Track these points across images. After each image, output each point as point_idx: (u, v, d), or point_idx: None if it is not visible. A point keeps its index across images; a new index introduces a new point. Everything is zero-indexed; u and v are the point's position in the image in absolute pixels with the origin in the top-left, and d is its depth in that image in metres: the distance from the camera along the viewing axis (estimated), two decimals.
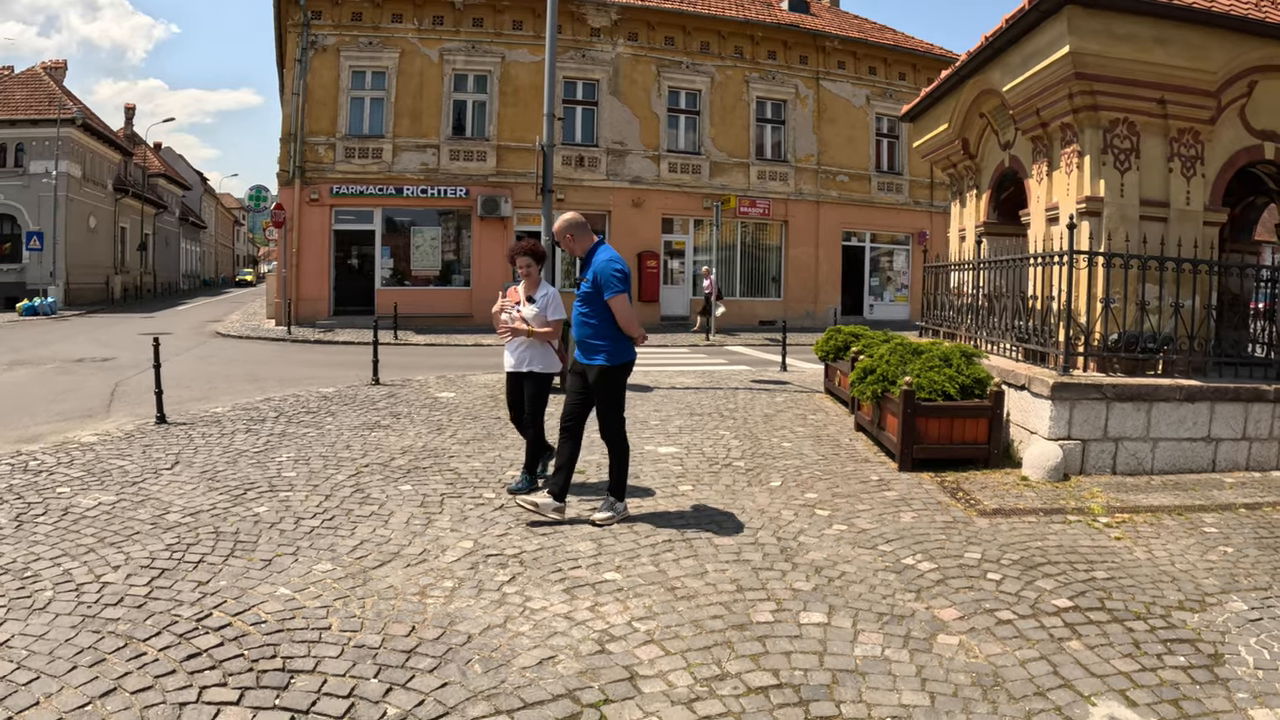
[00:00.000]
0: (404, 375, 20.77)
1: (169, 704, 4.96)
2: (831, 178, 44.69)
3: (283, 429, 13.80)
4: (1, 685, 5.21)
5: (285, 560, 7.41)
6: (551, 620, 6.09)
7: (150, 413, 15.56)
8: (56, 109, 57.85)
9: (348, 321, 37.97)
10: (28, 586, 6.82)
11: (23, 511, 8.96)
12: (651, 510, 9.10)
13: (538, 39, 39.99)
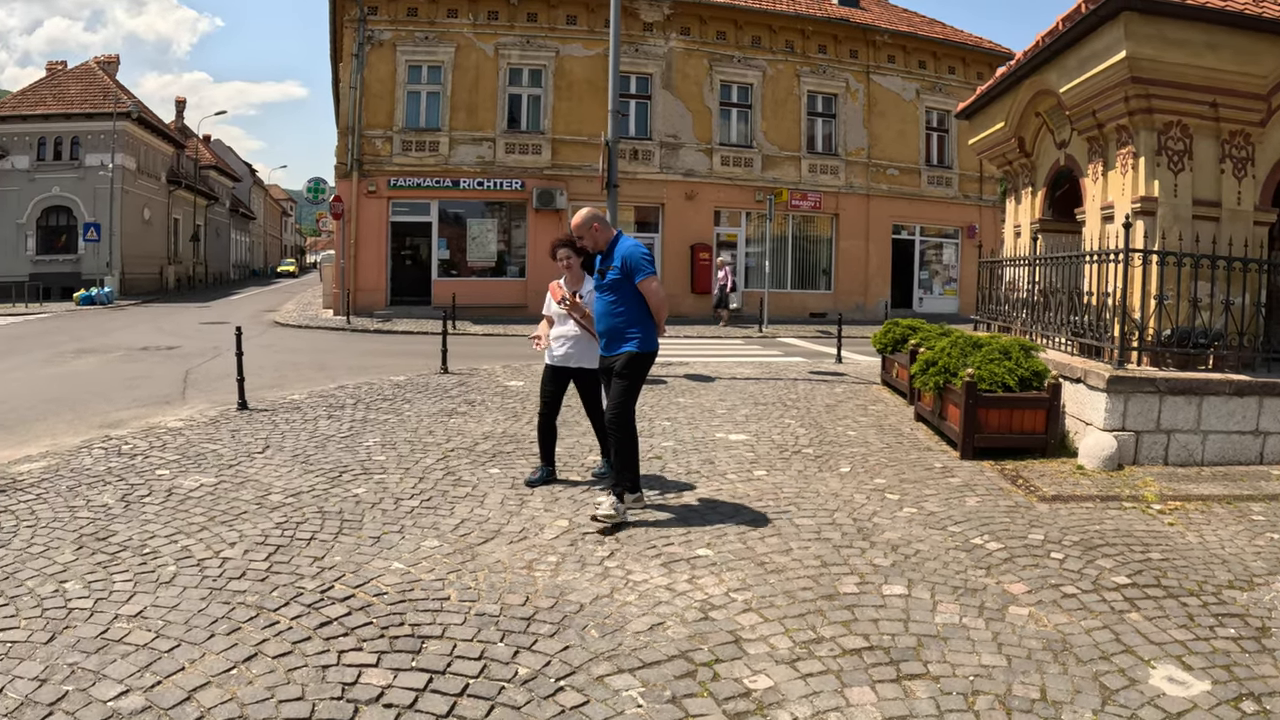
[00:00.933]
0: (469, 364, 21.18)
1: (310, 667, 5.36)
2: (882, 171, 44.88)
3: (363, 415, 14.30)
4: (145, 652, 5.56)
5: (393, 537, 7.89)
6: (654, 591, 6.58)
7: (225, 399, 16.16)
8: (112, 103, 58.74)
9: (404, 312, 38.56)
10: (149, 562, 7.22)
11: (128, 492, 9.41)
12: (731, 493, 9.53)
13: (591, 33, 40.55)
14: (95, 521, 8.37)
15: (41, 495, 9.31)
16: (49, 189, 59.57)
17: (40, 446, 12.16)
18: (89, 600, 6.40)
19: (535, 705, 4.89)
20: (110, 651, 5.59)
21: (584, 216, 8.95)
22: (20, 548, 7.57)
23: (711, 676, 5.23)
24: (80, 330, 34.63)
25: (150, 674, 5.29)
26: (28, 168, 59.35)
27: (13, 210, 59.13)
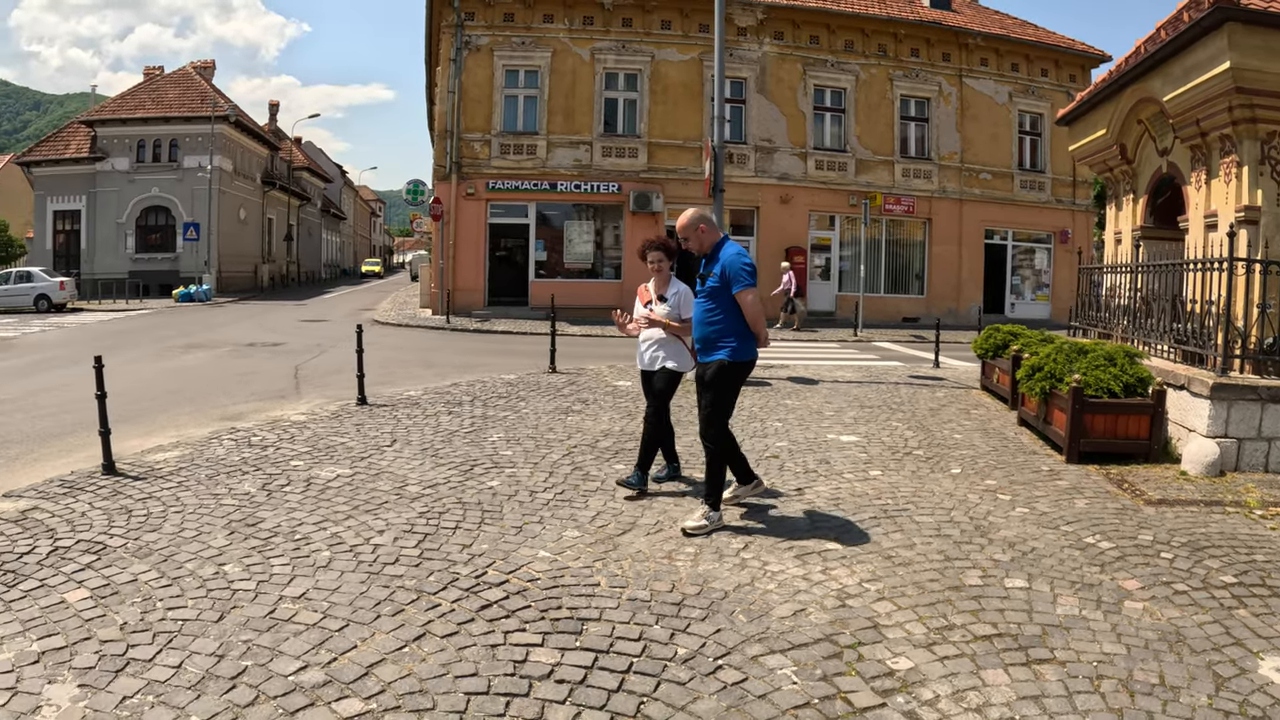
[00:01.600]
0: (575, 364, 21.64)
1: (479, 646, 5.77)
2: (975, 175, 44.85)
3: (482, 412, 14.84)
4: (315, 631, 5.98)
5: (534, 528, 8.35)
6: (792, 580, 6.99)
7: (339, 394, 16.94)
8: (210, 107, 60.15)
9: (502, 312, 39.29)
10: (303, 548, 7.71)
11: (268, 481, 9.99)
12: (850, 491, 9.91)
13: (686, 38, 41.06)
14: (241, 509, 8.90)
15: (183, 483, 9.87)
16: (148, 190, 61.23)
17: (167, 437, 12.85)
18: (251, 582, 6.88)
19: (698, 681, 5.31)
20: (282, 630, 6.02)
21: (691, 217, 8.80)
22: (172, 532, 8.08)
23: (856, 658, 5.64)
24: (184, 326, 35.72)
25: (325, 651, 5.71)
26: (127, 169, 61.12)
27: (113, 210, 60.90)
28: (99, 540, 7.83)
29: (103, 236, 61.48)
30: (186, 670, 5.42)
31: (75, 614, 6.25)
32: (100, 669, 5.44)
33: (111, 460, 10.50)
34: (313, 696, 5.14)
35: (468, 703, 5.08)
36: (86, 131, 63.44)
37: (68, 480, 9.95)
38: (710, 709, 4.99)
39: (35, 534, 8.02)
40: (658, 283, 9.99)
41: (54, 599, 6.52)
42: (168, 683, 5.27)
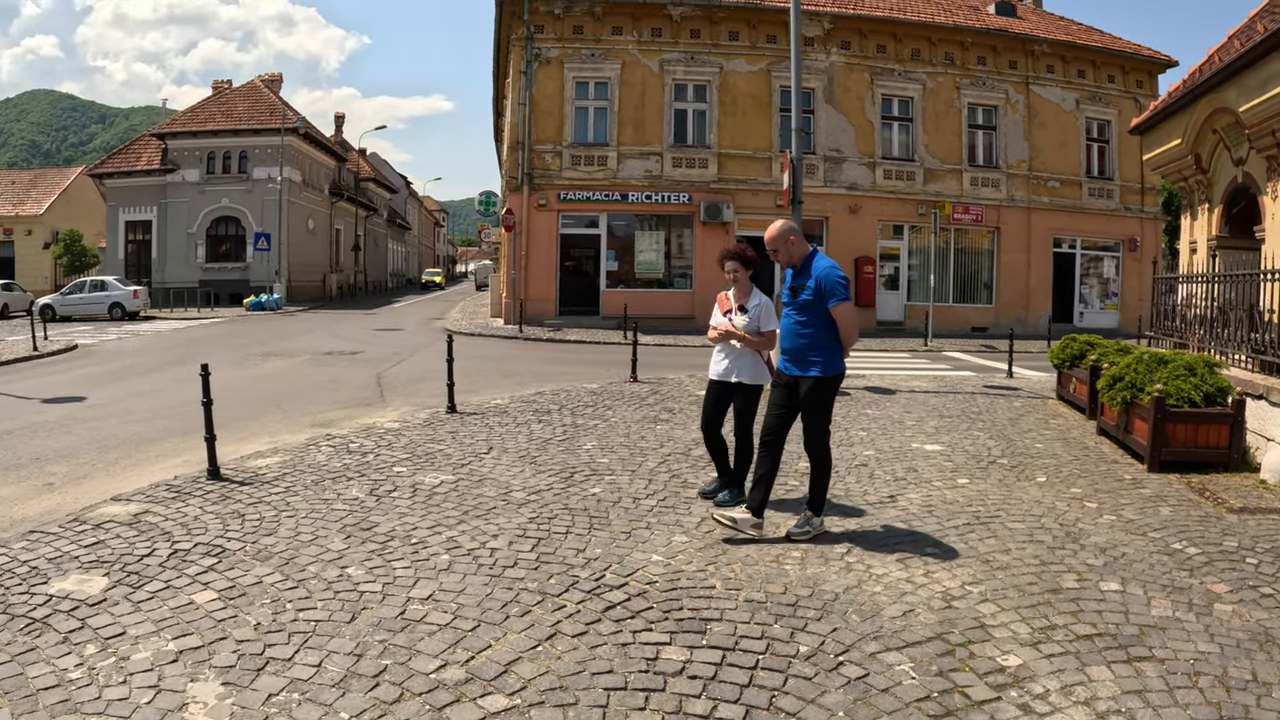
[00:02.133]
0: (654, 374, 21.97)
1: (610, 645, 6.06)
2: (1043, 183, 44.77)
3: (572, 420, 15.22)
4: (449, 631, 6.26)
5: (643, 533, 8.68)
6: (897, 583, 7.32)
7: (425, 402, 17.46)
8: (280, 119, 61.09)
9: (573, 321, 39.71)
10: (421, 551, 8.01)
11: (375, 487, 10.35)
12: (940, 498, 10.22)
13: (753, 49, 41.43)
14: (353, 513, 9.25)
15: (290, 488, 10.29)
16: (218, 200, 62.55)
17: (262, 443, 13.37)
18: (375, 585, 7.19)
19: (823, 676, 5.65)
20: (415, 630, 6.31)
21: (780, 229, 8.68)
22: (288, 536, 8.45)
23: (968, 655, 5.98)
24: (259, 334, 36.38)
25: (461, 650, 5.99)
26: (198, 180, 62.47)
27: (183, 220, 62.25)
28: (217, 544, 8.18)
29: (173, 246, 62.74)
30: (327, 669, 5.72)
31: (206, 615, 6.57)
32: (241, 668, 5.74)
33: (216, 465, 10.91)
34: (457, 693, 5.42)
35: (608, 698, 5.36)
36: (157, 144, 64.89)
37: (173, 485, 10.36)
38: (838, 702, 5.33)
39: (152, 537, 8.37)
40: (738, 292, 9.80)
41: (182, 600, 6.85)
42: (311, 681, 5.57)
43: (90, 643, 6.09)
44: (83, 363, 26.14)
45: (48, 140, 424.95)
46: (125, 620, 6.47)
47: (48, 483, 11.26)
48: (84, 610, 6.64)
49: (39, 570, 7.49)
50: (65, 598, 6.88)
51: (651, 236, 42.58)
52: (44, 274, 67.80)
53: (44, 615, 6.53)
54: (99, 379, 21.99)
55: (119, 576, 7.35)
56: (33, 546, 8.09)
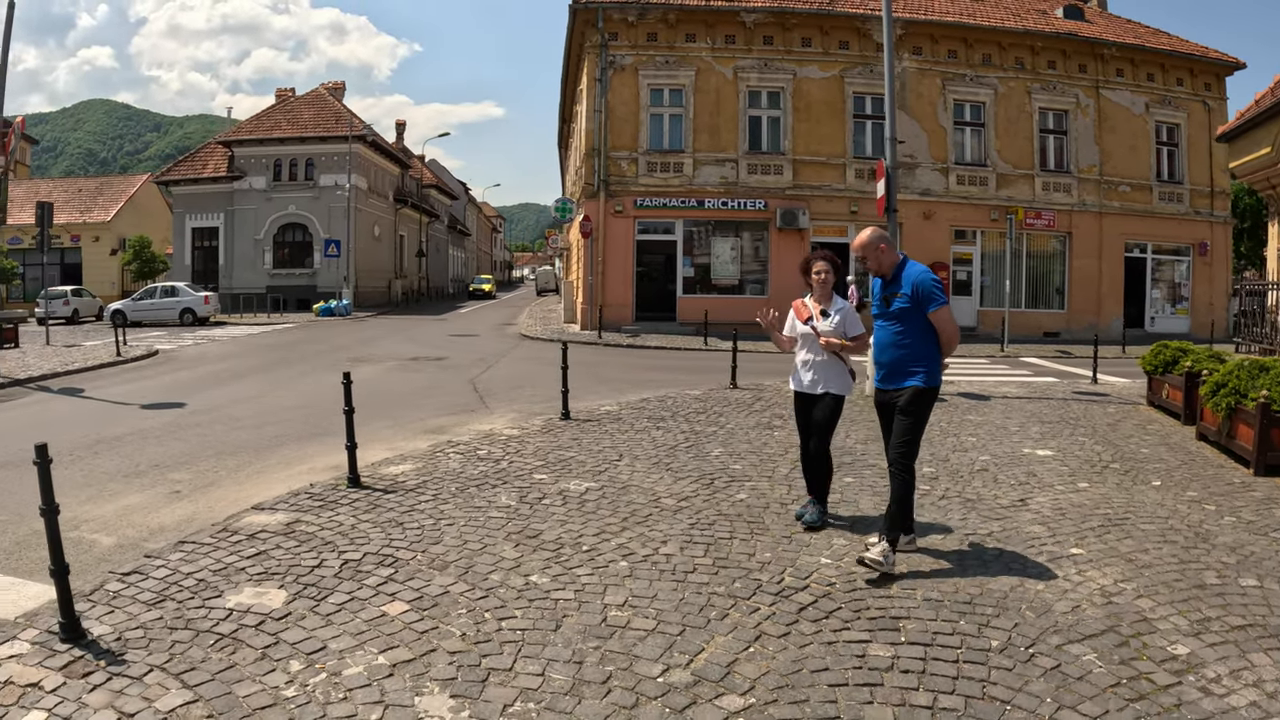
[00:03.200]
0: (749, 380, 22.04)
1: (817, 643, 6.37)
2: (1113, 188, 44.77)
3: (689, 427, 15.49)
4: (659, 636, 6.44)
5: (802, 537, 8.92)
6: (1057, 581, 7.66)
7: (530, 409, 17.89)
8: (346, 126, 61.90)
9: (650, 327, 40.17)
10: (596, 558, 8.20)
11: (523, 494, 10.57)
12: (1068, 501, 10.51)
13: (826, 55, 41.79)
14: (512, 521, 9.43)
15: (437, 496, 10.50)
16: (285, 207, 63.50)
17: (383, 450, 13.61)
18: (566, 592, 7.35)
19: (1022, 666, 6.02)
20: (625, 636, 6.48)
21: (870, 236, 8.36)
22: (456, 544, 8.60)
23: (1142, 645, 6.35)
24: (334, 340, 36.95)
25: (678, 653, 6.18)
26: (264, 188, 63.34)
27: (250, 227, 63.28)
28: (386, 553, 8.33)
29: (240, 252, 63.75)
30: (553, 677, 5.83)
31: (405, 626, 6.68)
32: (463, 679, 5.83)
33: (357, 474, 11.15)
34: (691, 695, 5.59)
35: (835, 693, 5.63)
36: (224, 152, 65.92)
37: (315, 494, 10.59)
38: (1043, 689, 5.69)
39: (315, 547, 8.52)
40: (820, 297, 9.37)
41: (374, 612, 6.95)
42: (541, 690, 5.67)
43: (292, 658, 6.18)
44: (167, 368, 26.73)
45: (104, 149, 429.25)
46: (320, 634, 6.58)
47: (174, 490, 11.50)
48: (271, 624, 6.74)
49: (207, 583, 7.59)
50: (246, 611, 6.97)
51: (727, 243, 42.88)
52: (111, 280, 68.71)
53: (231, 630, 6.61)
54: (191, 385, 22.46)
55: (296, 589, 7.47)
56: (191, 558, 8.21)
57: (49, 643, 6.36)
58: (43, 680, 5.83)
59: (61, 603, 6.51)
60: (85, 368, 26.18)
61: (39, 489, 6.60)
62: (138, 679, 5.84)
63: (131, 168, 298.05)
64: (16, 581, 8.00)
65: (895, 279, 8.30)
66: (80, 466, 12.85)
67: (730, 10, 41.37)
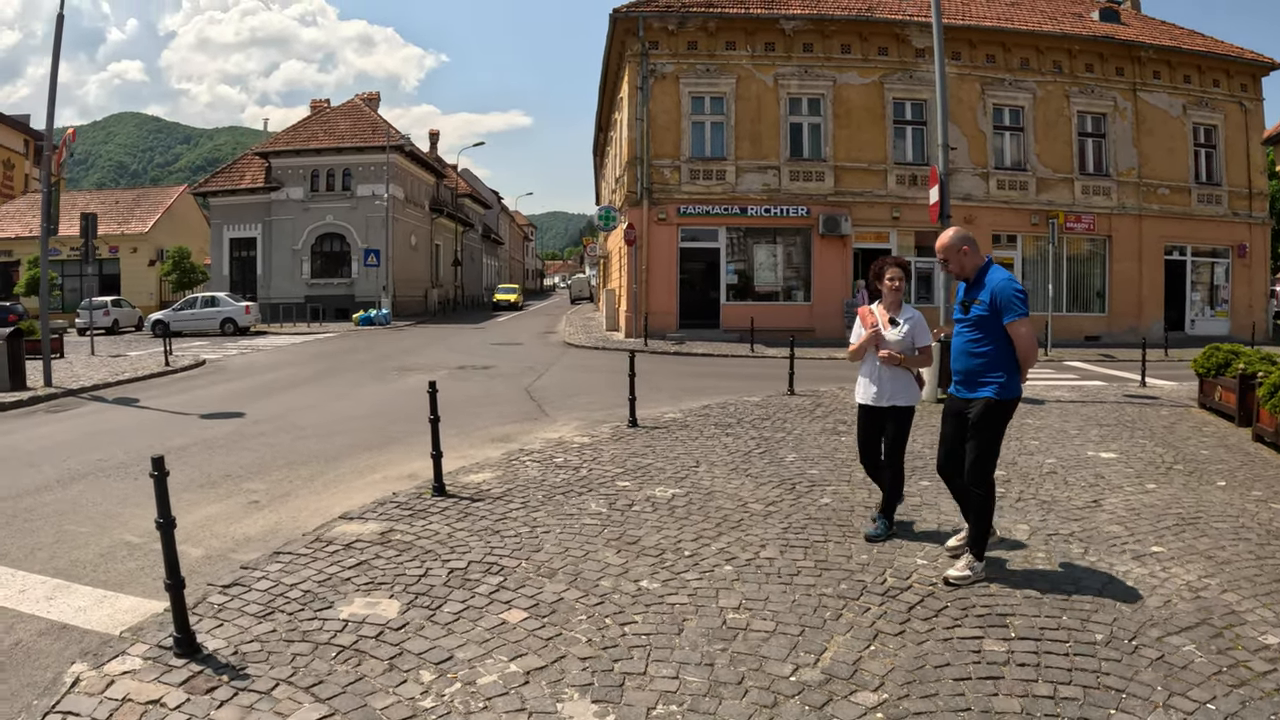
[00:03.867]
0: (803, 386, 22.05)
1: (934, 640, 6.60)
2: (1152, 190, 44.78)
3: (757, 434, 15.70)
4: (781, 637, 6.63)
5: (898, 540, 9.15)
6: (1143, 578, 7.94)
7: (592, 416, 18.16)
8: (383, 136, 62.48)
9: (694, 335, 40.30)
10: (700, 563, 8.36)
11: (612, 501, 10.78)
12: (1140, 502, 10.78)
13: (865, 61, 42.01)
14: (607, 527, 9.60)
15: (527, 504, 10.65)
16: (323, 217, 64.29)
17: (455, 458, 13.54)
18: (679, 597, 7.52)
19: (1130, 657, 6.29)
20: (748, 638, 6.65)
21: (953, 237, 8.08)
22: (557, 551, 8.75)
23: (1235, 636, 6.65)
24: (378, 349, 37.16)
25: (803, 653, 6.37)
26: (302, 198, 64.04)
27: (288, 237, 64.06)
28: (490, 561, 8.46)
29: (278, 262, 64.51)
30: (688, 680, 5.97)
31: (529, 634, 6.78)
32: (600, 684, 5.93)
33: (442, 483, 11.29)
34: (826, 693, 5.76)
35: (962, 687, 5.87)
36: (260, 163, 66.89)
37: (401, 503, 10.75)
38: (1154, 678, 5.97)
39: (417, 556, 8.63)
40: (889, 305, 9.14)
41: (493, 620, 7.05)
42: (680, 692, 5.80)
43: (421, 668, 6.24)
44: (218, 378, 27.08)
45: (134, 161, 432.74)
46: (444, 643, 6.65)
47: (252, 500, 11.64)
48: (391, 634, 6.82)
49: (314, 594, 7.68)
50: (362, 622, 7.05)
51: (770, 250, 43.14)
52: (149, 290, 69.24)
53: (351, 642, 6.68)
54: (245, 395, 22.70)
55: (408, 598, 7.56)
56: (291, 569, 8.32)
57: (162, 658, 6.42)
58: (164, 697, 5.86)
59: (176, 616, 6.55)
60: (136, 378, 26.54)
61: (155, 500, 6.77)
62: (265, 694, 5.91)
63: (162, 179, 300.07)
64: (109, 594, 8.12)
65: (977, 283, 8.01)
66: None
67: (769, 18, 41.65)
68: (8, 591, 8.18)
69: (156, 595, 7.73)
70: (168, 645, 6.57)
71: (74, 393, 23.06)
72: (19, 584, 8.40)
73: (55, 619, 7.50)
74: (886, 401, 9.00)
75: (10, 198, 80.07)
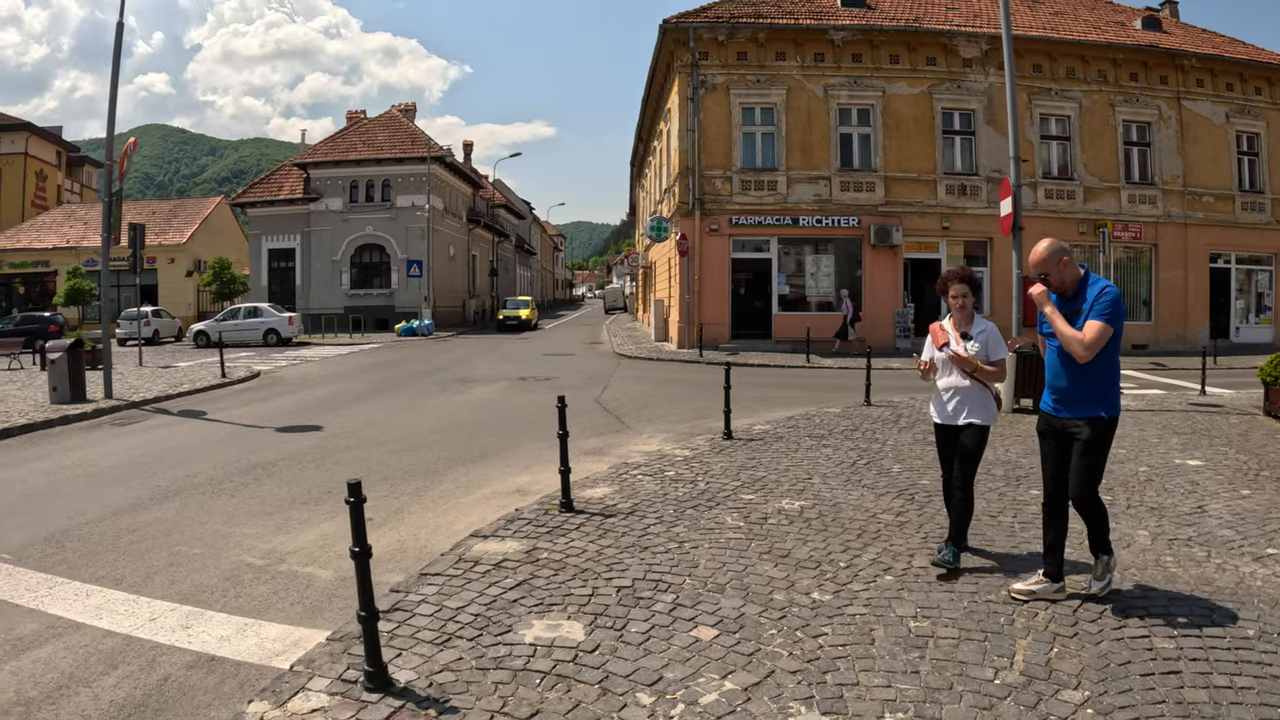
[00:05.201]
0: (876, 397, 22.12)
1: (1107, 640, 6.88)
2: (1197, 198, 44.92)
3: (853, 444, 15.94)
4: (969, 643, 6.86)
5: (1031, 545, 9.39)
6: (1270, 579, 8.31)
7: (675, 429, 18.32)
8: (423, 147, 63.42)
9: (747, 345, 40.80)
10: (859, 573, 8.60)
11: (745, 514, 10.91)
12: (1241, 508, 11.11)
13: (914, 72, 42.36)
14: (753, 541, 9.72)
15: (660, 518, 10.76)
16: (362, 228, 64.99)
17: (547, 472, 13.76)
18: (854, 607, 7.71)
19: None
20: (938, 644, 6.88)
21: (1050, 249, 7.76)
22: (715, 566, 8.87)
23: None
24: (431, 360, 37.40)
25: (996, 657, 6.63)
26: (341, 209, 64.75)
27: (327, 248, 64.83)
28: (654, 579, 8.51)
29: (317, 273, 65.31)
30: (901, 687, 6.16)
31: (727, 650, 6.85)
32: (821, 696, 6.05)
33: (570, 498, 11.29)
34: (1034, 694, 6.03)
35: (1149, 681, 6.18)
36: (299, 174, 67.75)
37: (531, 519, 10.70)
38: None
39: (575, 575, 8.62)
40: (959, 319, 8.90)
41: (685, 638, 7.09)
42: (899, 700, 5.98)
43: (636, 690, 6.23)
44: (277, 390, 27.37)
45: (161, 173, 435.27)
46: (646, 664, 6.63)
47: (368, 518, 10.94)
48: (586, 657, 6.77)
49: (486, 618, 7.57)
50: (551, 645, 6.98)
51: (821, 260, 43.40)
52: (186, 301, 69.78)
53: (549, 667, 6.60)
54: (313, 407, 22.78)
55: (587, 619, 7.51)
56: (448, 591, 8.23)
57: (351, 692, 6.26)
58: None
59: (368, 649, 6.31)
60: (194, 390, 26.61)
61: (350, 530, 6.43)
62: None
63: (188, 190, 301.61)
64: (250, 622, 7.98)
65: (1078, 295, 7.71)
66: (248, 493, 13.09)
67: (819, 29, 42.01)
68: (135, 620, 8.01)
69: (300, 621, 7.96)
70: (351, 679, 6.44)
71: (136, 405, 23.21)
72: (145, 611, 8.24)
73: (199, 649, 7.37)
74: (962, 419, 8.70)
75: (44, 209, 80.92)
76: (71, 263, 65.94)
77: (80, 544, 10.45)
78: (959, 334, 8.83)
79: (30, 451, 17.04)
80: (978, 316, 8.97)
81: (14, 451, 17.08)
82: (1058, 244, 7.80)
